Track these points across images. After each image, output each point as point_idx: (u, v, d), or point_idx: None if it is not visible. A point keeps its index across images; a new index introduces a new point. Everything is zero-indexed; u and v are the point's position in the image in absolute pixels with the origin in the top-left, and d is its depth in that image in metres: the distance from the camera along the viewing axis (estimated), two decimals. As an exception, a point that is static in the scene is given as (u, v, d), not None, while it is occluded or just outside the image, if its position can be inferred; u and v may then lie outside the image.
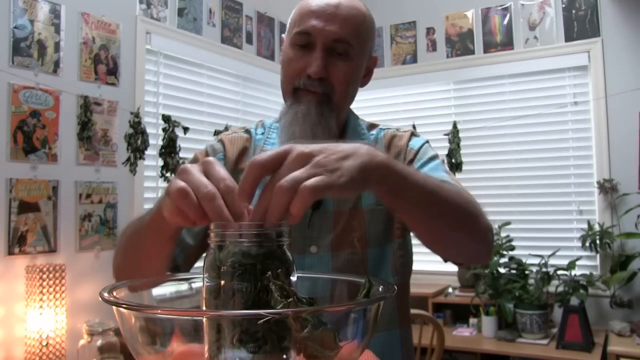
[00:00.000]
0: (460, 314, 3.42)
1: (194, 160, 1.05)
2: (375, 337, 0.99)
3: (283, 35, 1.07)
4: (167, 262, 0.84)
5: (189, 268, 1.00)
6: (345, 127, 1.07)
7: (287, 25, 1.05)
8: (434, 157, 1.02)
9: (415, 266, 1.10)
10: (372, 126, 1.12)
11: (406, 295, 1.05)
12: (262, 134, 1.10)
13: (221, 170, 0.58)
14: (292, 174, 0.54)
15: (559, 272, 3.04)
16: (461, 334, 3.21)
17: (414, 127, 3.36)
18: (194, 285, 0.67)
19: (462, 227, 0.80)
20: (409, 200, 0.70)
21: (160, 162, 2.59)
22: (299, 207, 0.52)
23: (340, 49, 0.96)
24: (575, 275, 3.05)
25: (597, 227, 3.18)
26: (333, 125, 0.99)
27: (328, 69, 0.95)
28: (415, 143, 1.05)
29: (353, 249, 0.97)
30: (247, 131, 1.11)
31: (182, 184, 0.57)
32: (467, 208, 0.80)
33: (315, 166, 0.56)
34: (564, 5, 3.43)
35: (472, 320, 3.28)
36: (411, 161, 1.01)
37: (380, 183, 0.64)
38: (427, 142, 1.07)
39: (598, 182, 3.25)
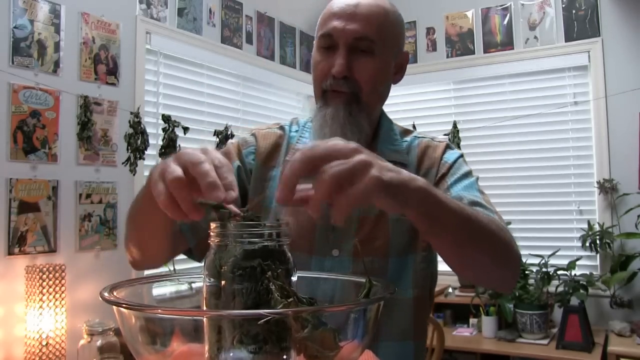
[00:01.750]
0: (460, 314, 3.42)
1: (226, 152, 1.06)
2: (389, 346, 0.99)
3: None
4: (170, 233, 0.85)
5: (204, 254, 0.99)
6: (377, 131, 1.06)
7: (316, 29, 1.06)
8: (468, 174, 1.01)
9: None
10: (406, 132, 1.10)
11: (424, 309, 1.02)
12: (296, 131, 1.10)
13: (215, 153, 0.59)
14: (335, 168, 0.55)
15: (559, 272, 3.04)
16: (461, 334, 3.21)
17: (413, 127, 3.36)
18: (194, 285, 0.67)
19: (491, 255, 0.79)
20: (443, 227, 0.70)
21: (160, 162, 2.59)
22: (341, 216, 0.55)
23: (363, 46, 0.96)
24: (575, 275, 3.05)
25: (597, 227, 3.18)
26: (364, 124, 0.99)
27: (352, 67, 0.96)
28: (449, 157, 1.04)
29: (374, 257, 0.96)
30: (281, 127, 1.11)
31: (178, 170, 0.57)
32: (499, 236, 0.80)
33: (359, 163, 0.56)
34: (564, 5, 3.43)
35: (472, 320, 3.28)
36: (444, 175, 1.00)
37: (419, 207, 0.64)
38: (462, 156, 1.06)
39: (598, 182, 3.25)
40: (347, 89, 0.96)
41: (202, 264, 0.55)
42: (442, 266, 1.03)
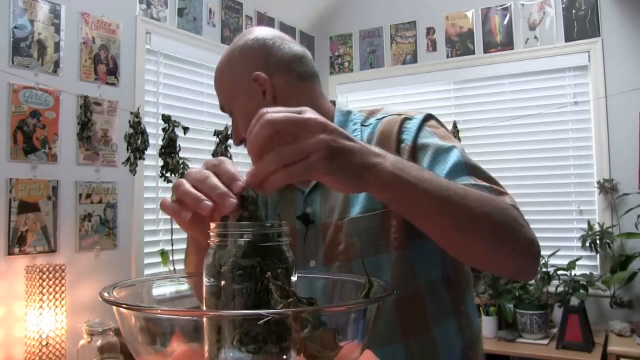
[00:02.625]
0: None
1: None
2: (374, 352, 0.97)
3: None
4: None
5: None
6: None
7: None
8: (442, 151, 0.88)
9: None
10: (371, 113, 1.03)
11: (412, 308, 0.94)
12: None
13: (216, 161, 0.60)
14: (288, 149, 0.56)
15: (559, 272, 3.04)
16: (461, 334, 3.21)
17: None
18: (194, 285, 0.67)
19: (489, 239, 0.72)
20: (421, 210, 0.66)
21: (160, 162, 2.59)
22: (276, 181, 0.56)
23: (228, 113, 1.04)
24: (575, 275, 3.05)
25: (597, 227, 3.18)
26: None
27: (237, 132, 1.03)
28: (408, 135, 0.92)
29: (340, 261, 0.95)
30: None
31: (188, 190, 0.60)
32: (497, 217, 0.72)
33: (318, 143, 0.57)
34: (564, 5, 3.43)
35: (472, 320, 3.28)
36: (409, 158, 0.89)
37: (385, 191, 0.62)
38: (424, 123, 0.93)
39: (598, 182, 3.25)
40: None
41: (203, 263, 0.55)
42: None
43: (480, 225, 0.71)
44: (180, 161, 2.54)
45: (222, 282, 0.50)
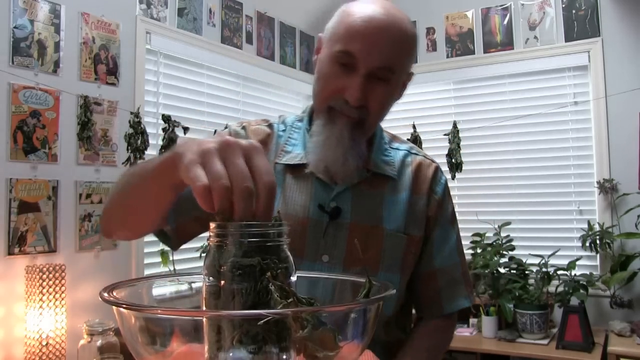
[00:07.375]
0: (460, 313, 3.39)
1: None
2: None
3: (320, 35, 1.01)
4: (163, 213, 0.76)
5: (178, 242, 0.96)
6: (371, 139, 1.06)
7: (328, 32, 0.98)
8: (452, 222, 1.07)
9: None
10: (394, 138, 1.11)
11: (399, 326, 1.09)
12: (283, 130, 1.07)
13: (264, 164, 0.53)
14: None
15: (559, 272, 3.04)
16: (461, 334, 3.21)
17: (413, 127, 3.35)
18: (194, 285, 0.67)
19: None
20: None
21: (160, 162, 2.59)
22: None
23: (381, 75, 0.92)
24: (575, 275, 3.05)
25: (597, 227, 3.18)
26: (363, 150, 0.99)
27: (367, 95, 0.92)
28: (439, 188, 1.07)
29: (363, 268, 0.94)
30: (270, 125, 1.09)
31: (222, 170, 0.51)
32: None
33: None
34: (564, 5, 3.43)
35: (472, 320, 3.28)
36: (432, 219, 1.04)
37: None
38: (447, 184, 1.10)
39: (598, 182, 3.25)
40: (357, 116, 0.94)
41: (203, 263, 0.55)
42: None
43: None
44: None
45: (222, 282, 0.50)
